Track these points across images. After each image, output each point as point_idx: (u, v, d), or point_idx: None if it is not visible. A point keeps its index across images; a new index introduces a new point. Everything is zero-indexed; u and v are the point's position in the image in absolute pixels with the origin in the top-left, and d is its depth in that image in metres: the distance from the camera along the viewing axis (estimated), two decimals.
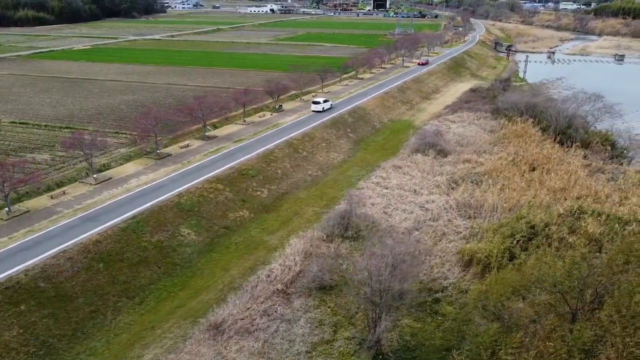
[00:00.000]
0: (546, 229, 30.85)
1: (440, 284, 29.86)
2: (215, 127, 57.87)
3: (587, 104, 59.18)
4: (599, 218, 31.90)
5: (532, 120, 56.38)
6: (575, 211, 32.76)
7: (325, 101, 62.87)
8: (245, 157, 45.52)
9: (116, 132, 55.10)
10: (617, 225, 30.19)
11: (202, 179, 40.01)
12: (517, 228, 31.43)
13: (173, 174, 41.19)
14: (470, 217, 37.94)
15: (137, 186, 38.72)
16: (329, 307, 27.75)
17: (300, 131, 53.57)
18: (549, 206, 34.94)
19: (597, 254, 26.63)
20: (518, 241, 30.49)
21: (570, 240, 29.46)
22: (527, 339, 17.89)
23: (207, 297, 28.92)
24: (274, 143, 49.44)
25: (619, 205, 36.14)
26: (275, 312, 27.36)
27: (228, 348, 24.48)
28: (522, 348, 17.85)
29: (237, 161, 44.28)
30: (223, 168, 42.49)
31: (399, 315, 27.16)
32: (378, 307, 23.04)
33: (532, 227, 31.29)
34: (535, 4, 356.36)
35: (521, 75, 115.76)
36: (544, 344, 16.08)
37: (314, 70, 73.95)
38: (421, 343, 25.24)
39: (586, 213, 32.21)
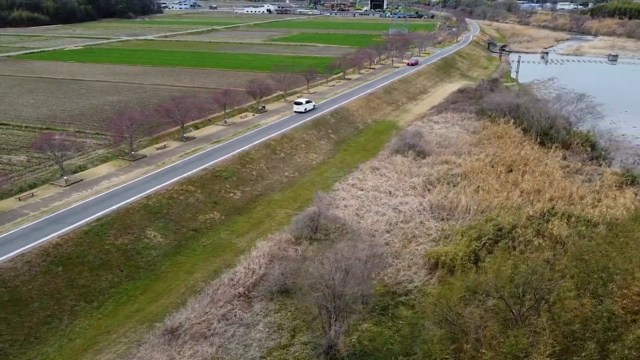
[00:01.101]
0: (513, 231, 30.48)
1: (404, 288, 29.48)
2: (197, 127, 57.58)
3: (570, 105, 58.72)
4: (568, 220, 31.55)
5: (513, 121, 55.95)
6: (545, 213, 32.40)
7: (307, 102, 62.49)
8: (221, 158, 45.16)
9: (96, 133, 54.80)
10: (584, 227, 29.81)
11: (173, 180, 39.65)
12: (485, 230, 31.07)
13: (145, 176, 40.82)
14: (443, 219, 37.60)
15: (107, 188, 38.36)
16: (289, 312, 27.40)
17: (279, 132, 53.22)
18: (520, 208, 34.56)
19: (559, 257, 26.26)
20: (484, 244, 30.13)
21: (536, 242, 29.10)
22: (468, 346, 17.52)
23: (168, 301, 28.55)
24: (251, 144, 49.08)
25: (592, 207, 35.77)
26: (235, 316, 27.00)
27: (181, 353, 24.12)
28: (465, 355, 17.50)
29: (211, 162, 43.91)
30: (196, 169, 42.13)
31: (359, 319, 26.86)
32: (330, 312, 22.66)
33: (500, 229, 30.91)
34: (533, 4, 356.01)
35: (513, 75, 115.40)
36: (481, 353, 15.70)
37: (299, 71, 73.50)
38: (378, 348, 24.86)
39: (555, 215, 31.82)
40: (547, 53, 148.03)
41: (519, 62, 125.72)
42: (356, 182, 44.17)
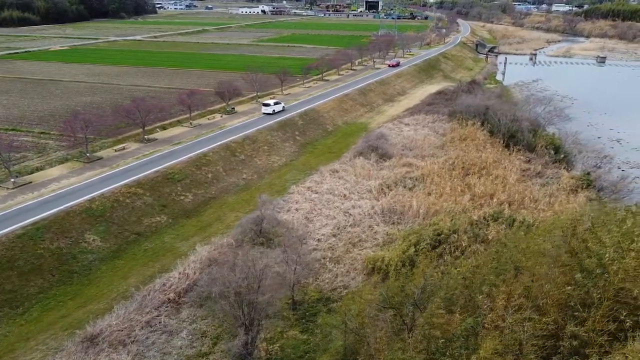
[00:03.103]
0: (452, 236, 29.94)
1: (339, 294, 28.94)
2: (164, 128, 57.12)
3: (539, 107, 58.20)
4: (511, 225, 30.97)
5: (481, 123, 55.44)
6: (488, 217, 31.85)
7: (276, 103, 61.98)
8: (176, 160, 44.63)
9: (61, 135, 54.28)
10: (523, 232, 29.20)
11: (121, 183, 39.11)
12: (424, 235, 30.54)
13: (94, 178, 40.30)
14: (394, 223, 37.08)
15: (52, 191, 37.82)
16: (217, 318, 26.84)
17: (242, 134, 52.70)
18: (466, 212, 34.02)
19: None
20: (423, 248, 29.60)
21: (473, 248, 28.56)
22: (360, 358, 16.99)
23: (96, 307, 28.01)
24: (211, 146, 48.56)
25: (544, 211, 35.26)
26: (159, 323, 26.46)
27: None
28: None
29: (165, 165, 43.40)
30: (148, 172, 41.59)
31: (286, 326, 26.35)
32: (241, 320, 22.12)
33: (439, 234, 30.39)
34: (529, 6, 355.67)
35: (499, 77, 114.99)
36: None
37: (272, 72, 72.99)
38: (301, 356, 24.33)
39: (497, 220, 31.27)
40: (535, 55, 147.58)
41: (505, 63, 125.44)
42: (312, 185, 43.64)
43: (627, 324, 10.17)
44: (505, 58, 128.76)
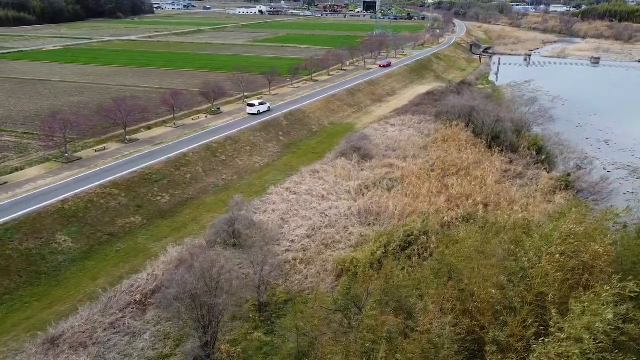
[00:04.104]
0: (421, 237, 29.75)
1: (307, 295, 28.74)
2: (149, 128, 57.01)
3: (525, 107, 58.02)
4: (483, 227, 30.76)
5: (465, 124, 55.26)
6: (460, 219, 31.67)
7: (261, 103, 61.83)
8: (156, 160, 44.47)
9: (44, 135, 54.15)
10: (490, 234, 29.00)
11: (97, 183, 38.94)
12: (395, 237, 30.34)
13: (70, 179, 40.13)
14: (370, 224, 36.91)
15: (27, 191, 37.65)
16: (182, 320, 26.62)
17: (224, 134, 52.52)
18: (439, 213, 33.84)
19: None
20: (393, 250, 29.41)
21: (440, 249, 28.31)
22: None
23: (62, 308, 27.82)
24: (192, 146, 48.39)
25: (520, 212, 35.01)
26: (124, 324, 26.28)
27: None
28: None
29: (144, 165, 43.23)
30: (125, 172, 41.43)
31: (250, 328, 26.18)
32: (199, 322, 21.94)
33: (409, 235, 30.19)
34: (527, 7, 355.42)
35: (492, 77, 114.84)
36: None
37: (259, 72, 72.84)
38: (262, 357, 24.14)
39: (469, 221, 31.07)
40: (530, 55, 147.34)
41: (499, 64, 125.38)
42: (291, 186, 43.46)
43: (542, 329, 10.00)
44: (499, 58, 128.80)
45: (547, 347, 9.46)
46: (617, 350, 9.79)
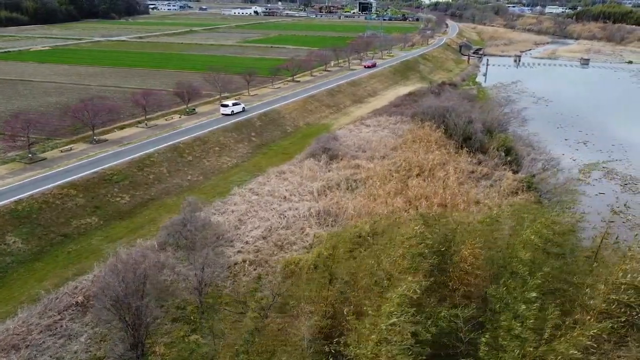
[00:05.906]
0: (369, 238, 29.41)
1: (252, 297, 28.41)
2: (122, 128, 56.77)
3: (500, 108, 57.74)
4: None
5: (438, 125, 54.96)
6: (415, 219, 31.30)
7: (235, 104, 61.56)
8: (119, 161, 44.15)
9: (8, 135, 53.82)
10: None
11: (55, 184, 38.60)
12: (343, 237, 30.00)
13: (30, 179, 39.82)
14: (328, 225, 36.61)
15: None
16: (122, 322, 26.31)
17: (194, 135, 52.22)
18: (393, 214, 33.54)
19: None
20: (343, 251, 29.07)
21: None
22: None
23: (2, 310, 27.46)
24: (159, 147, 48.09)
25: (478, 213, 34.72)
26: (61, 326, 25.94)
27: None
28: None
29: (106, 165, 42.91)
30: (86, 173, 41.10)
31: (189, 330, 25.84)
32: (126, 324, 21.64)
33: (359, 236, 29.86)
34: (523, 8, 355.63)
35: (480, 78, 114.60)
36: None
37: (235, 72, 72.55)
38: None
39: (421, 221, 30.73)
40: (520, 56, 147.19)
41: (487, 65, 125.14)
42: (255, 187, 43.14)
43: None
44: (487, 59, 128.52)
45: None
46: None
